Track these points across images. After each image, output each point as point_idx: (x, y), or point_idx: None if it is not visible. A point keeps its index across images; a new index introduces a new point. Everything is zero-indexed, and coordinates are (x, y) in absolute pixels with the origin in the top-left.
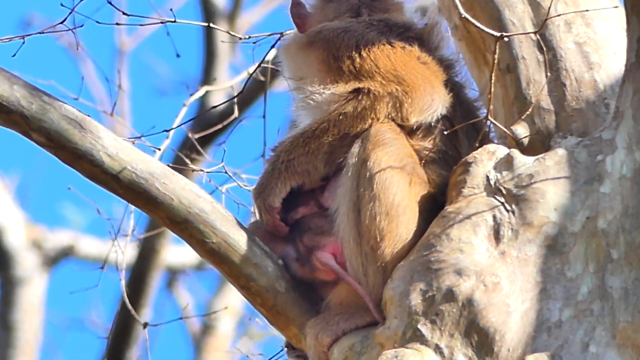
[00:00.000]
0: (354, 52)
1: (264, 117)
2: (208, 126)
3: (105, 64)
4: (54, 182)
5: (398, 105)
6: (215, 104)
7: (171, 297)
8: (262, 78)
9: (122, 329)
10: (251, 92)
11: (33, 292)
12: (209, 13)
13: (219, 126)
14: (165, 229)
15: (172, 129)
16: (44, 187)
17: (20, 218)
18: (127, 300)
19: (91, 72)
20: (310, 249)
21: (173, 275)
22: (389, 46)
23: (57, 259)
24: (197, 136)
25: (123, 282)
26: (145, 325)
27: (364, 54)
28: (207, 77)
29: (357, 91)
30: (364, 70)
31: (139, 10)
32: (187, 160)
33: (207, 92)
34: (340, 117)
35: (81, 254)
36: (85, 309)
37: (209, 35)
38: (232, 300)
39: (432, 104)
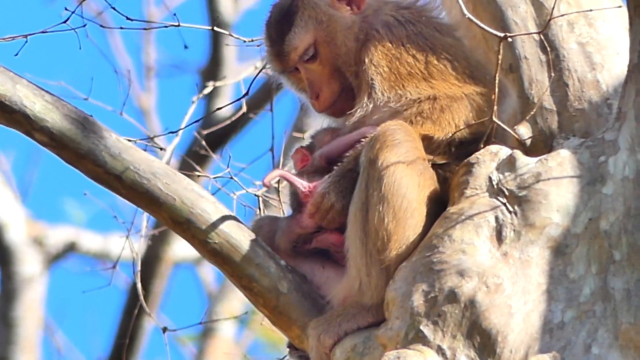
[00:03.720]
0: (426, 58)
1: (271, 110)
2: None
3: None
4: (55, 177)
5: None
6: (222, 105)
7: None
8: (269, 73)
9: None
10: (261, 96)
11: (34, 289)
12: (213, 16)
13: (227, 122)
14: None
15: (179, 129)
16: (45, 183)
17: (21, 214)
18: (144, 304)
19: (122, 50)
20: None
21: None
22: (449, 57)
23: (58, 256)
24: (206, 132)
25: (139, 285)
26: (164, 329)
27: (434, 63)
28: (214, 78)
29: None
30: (432, 77)
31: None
32: (193, 163)
33: (213, 93)
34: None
35: (83, 249)
36: (87, 307)
37: (216, 39)
38: (234, 302)
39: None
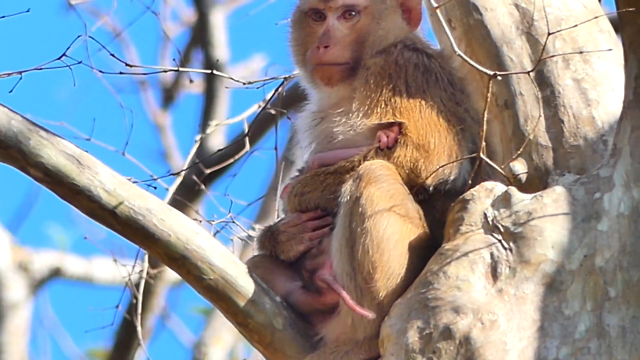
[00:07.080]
0: (411, 96)
1: (275, 149)
2: (211, 166)
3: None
4: (38, 202)
5: (418, 167)
6: (224, 147)
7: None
8: (272, 111)
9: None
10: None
11: (20, 315)
12: (210, 61)
13: (230, 161)
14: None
15: (180, 171)
16: (29, 208)
17: (5, 240)
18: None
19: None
20: (312, 273)
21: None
22: (440, 101)
23: (43, 281)
24: (208, 171)
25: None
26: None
27: (422, 108)
28: (205, 121)
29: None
30: (402, 115)
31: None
32: (188, 203)
33: (205, 136)
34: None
35: (68, 274)
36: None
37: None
38: (223, 332)
39: (448, 175)
